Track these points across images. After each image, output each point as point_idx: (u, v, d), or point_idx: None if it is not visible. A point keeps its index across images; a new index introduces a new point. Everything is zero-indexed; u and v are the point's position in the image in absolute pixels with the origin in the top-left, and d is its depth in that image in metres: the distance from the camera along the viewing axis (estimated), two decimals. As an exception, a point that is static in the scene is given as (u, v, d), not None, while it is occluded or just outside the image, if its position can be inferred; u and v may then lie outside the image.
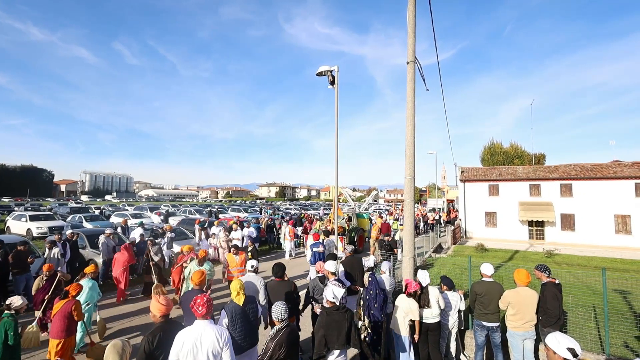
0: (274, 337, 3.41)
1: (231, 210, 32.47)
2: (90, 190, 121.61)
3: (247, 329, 4.01)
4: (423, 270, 5.26)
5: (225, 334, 3.27)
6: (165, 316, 3.45)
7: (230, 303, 4.04)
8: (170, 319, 3.55)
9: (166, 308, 3.44)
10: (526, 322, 4.65)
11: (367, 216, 17.91)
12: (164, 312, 3.42)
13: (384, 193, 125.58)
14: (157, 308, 3.41)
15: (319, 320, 3.95)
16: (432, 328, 5.00)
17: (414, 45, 6.02)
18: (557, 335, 2.47)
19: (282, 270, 5.31)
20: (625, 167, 20.74)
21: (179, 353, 3.12)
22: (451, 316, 5.32)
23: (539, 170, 23.54)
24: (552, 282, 5.05)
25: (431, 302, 4.98)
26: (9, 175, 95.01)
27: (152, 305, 3.44)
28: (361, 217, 17.41)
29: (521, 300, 4.68)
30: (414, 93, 6.05)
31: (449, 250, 17.36)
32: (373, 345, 5.05)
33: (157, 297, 3.49)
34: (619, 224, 19.91)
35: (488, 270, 5.26)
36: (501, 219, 23.06)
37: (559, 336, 2.44)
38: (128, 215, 22.08)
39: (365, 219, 17.29)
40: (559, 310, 4.87)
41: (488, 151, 41.30)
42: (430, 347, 5.05)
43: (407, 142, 5.98)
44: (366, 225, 17.11)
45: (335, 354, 3.87)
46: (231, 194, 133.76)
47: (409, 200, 5.97)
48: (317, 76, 10.95)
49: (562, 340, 2.39)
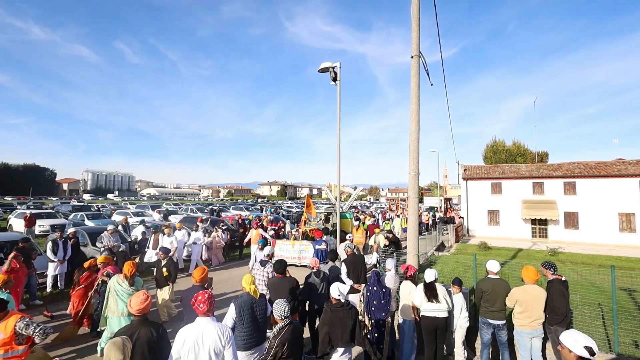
0: (277, 334, 3.33)
1: (232, 208, 32.51)
2: (93, 189, 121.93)
3: (255, 326, 3.93)
4: (431, 270, 5.18)
5: (227, 332, 3.20)
6: (141, 314, 3.27)
7: (240, 297, 3.97)
8: (147, 320, 3.34)
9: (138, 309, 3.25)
10: (534, 320, 4.56)
11: (350, 216, 15.85)
12: (139, 309, 3.25)
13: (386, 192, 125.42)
14: (133, 302, 3.26)
15: (323, 317, 3.88)
16: (440, 324, 4.95)
17: (419, 39, 5.92)
18: (573, 333, 2.38)
19: (283, 266, 5.23)
20: (630, 165, 20.55)
21: (180, 351, 3.05)
22: (456, 317, 5.25)
23: (542, 168, 23.38)
24: (559, 279, 4.95)
25: (439, 297, 4.93)
26: (12, 174, 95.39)
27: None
28: (344, 218, 15.00)
29: (529, 298, 4.58)
30: (418, 88, 5.96)
31: (452, 249, 17.27)
32: (376, 344, 4.98)
33: (131, 297, 3.35)
34: (623, 222, 19.76)
35: (494, 267, 5.17)
36: (504, 218, 22.93)
37: (575, 334, 2.36)
38: (130, 213, 22.08)
39: (348, 220, 15.17)
40: (566, 307, 4.78)
41: (490, 149, 41.07)
42: (439, 343, 4.99)
43: (412, 137, 5.89)
44: (349, 227, 14.70)
45: (339, 351, 3.79)
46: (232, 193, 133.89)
47: (413, 197, 5.89)
48: (320, 73, 10.90)
49: (579, 338, 2.31)
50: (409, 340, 5.21)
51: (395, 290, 5.82)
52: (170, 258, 6.86)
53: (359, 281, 6.49)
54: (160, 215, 22.99)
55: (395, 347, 5.50)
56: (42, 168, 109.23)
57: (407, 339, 5.22)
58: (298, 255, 11.78)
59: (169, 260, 6.80)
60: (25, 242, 7.84)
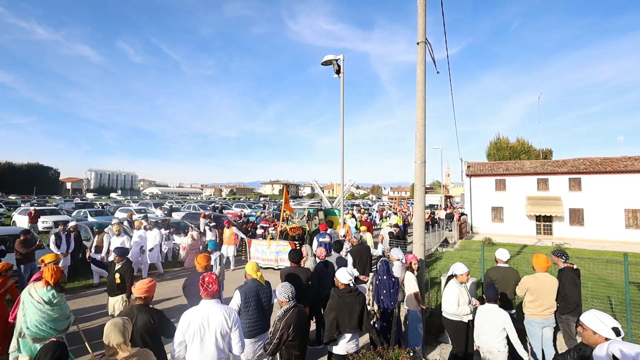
0: (282, 317, 3.26)
1: (235, 206, 32.64)
2: (96, 188, 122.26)
3: (260, 312, 3.86)
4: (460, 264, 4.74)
5: (233, 314, 3.12)
6: (143, 299, 3.32)
7: (246, 284, 3.89)
8: (148, 306, 3.36)
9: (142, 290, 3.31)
10: (546, 309, 4.44)
11: (338, 213, 13.93)
12: (141, 293, 3.31)
13: (388, 190, 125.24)
14: (136, 288, 3.33)
15: (330, 303, 3.79)
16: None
17: (425, 25, 5.81)
18: (597, 313, 2.26)
19: (299, 256, 5.14)
20: (636, 160, 20.30)
21: (184, 334, 2.97)
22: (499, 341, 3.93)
23: (547, 164, 23.16)
24: (570, 268, 4.84)
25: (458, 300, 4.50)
26: (16, 173, 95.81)
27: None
28: (332, 214, 13.84)
29: (541, 287, 4.46)
30: (424, 75, 5.86)
31: (456, 245, 17.15)
32: (383, 333, 4.90)
33: (136, 283, 3.41)
34: (629, 219, 19.52)
35: (503, 255, 5.07)
36: (508, 214, 22.73)
37: (599, 314, 2.24)
38: (132, 210, 22.10)
39: (336, 216, 13.40)
40: (578, 296, 4.67)
41: (494, 146, 40.78)
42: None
43: (418, 124, 5.79)
44: (337, 223, 12.70)
45: (346, 337, 3.70)
46: (235, 192, 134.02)
47: (420, 185, 5.79)
48: (323, 66, 10.82)
49: (604, 319, 2.19)
50: (414, 331, 5.12)
51: (402, 281, 5.74)
52: (127, 262, 5.49)
53: (365, 272, 6.41)
54: (162, 211, 23.03)
55: (401, 337, 5.42)
56: (45, 167, 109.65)
57: (413, 329, 5.12)
58: (275, 257, 10.32)
59: (125, 264, 5.39)
60: (26, 234, 7.81)
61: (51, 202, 38.74)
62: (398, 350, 2.63)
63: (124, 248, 5.83)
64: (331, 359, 3.93)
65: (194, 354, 2.96)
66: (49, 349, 2.22)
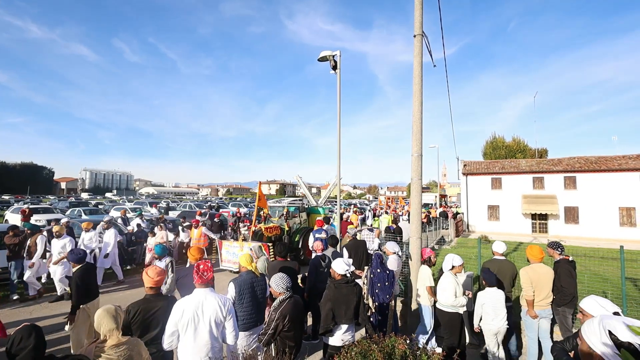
0: (277, 307, 3.21)
1: (232, 205, 32.53)
2: (91, 188, 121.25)
3: (255, 305, 3.80)
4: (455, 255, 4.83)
5: (228, 303, 3.07)
6: (154, 289, 3.31)
7: (240, 276, 3.83)
8: (160, 294, 3.38)
9: (153, 281, 3.30)
10: (542, 300, 4.44)
11: (323, 211, 13.22)
12: (151, 284, 3.29)
13: (384, 190, 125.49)
14: (145, 280, 3.31)
15: (326, 293, 3.75)
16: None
17: (421, 18, 5.80)
18: (597, 299, 2.22)
19: (286, 250, 5.11)
20: (630, 159, 20.51)
21: (177, 323, 2.91)
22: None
23: (543, 163, 23.31)
24: (566, 260, 4.83)
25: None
26: (9, 172, 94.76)
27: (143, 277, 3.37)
28: (315, 213, 12.95)
29: (537, 277, 4.45)
30: (421, 67, 5.84)
31: (452, 242, 17.20)
32: (379, 327, 4.86)
33: (147, 269, 3.36)
34: (623, 217, 19.72)
35: (500, 247, 5.06)
36: (504, 213, 22.86)
37: (599, 299, 2.19)
38: (127, 208, 21.91)
39: (321, 215, 12.42)
40: (574, 288, 4.66)
41: (490, 145, 40.98)
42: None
43: (414, 117, 5.77)
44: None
45: (342, 328, 3.66)
46: (231, 192, 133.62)
47: (417, 179, 5.76)
48: (320, 61, 10.76)
49: (605, 304, 2.14)
50: (423, 325, 5.03)
51: (398, 274, 5.71)
52: (81, 269, 4.46)
53: (360, 266, 6.37)
54: (156, 210, 22.86)
55: (398, 331, 5.38)
56: (39, 167, 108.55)
57: (422, 323, 5.03)
58: None
59: (78, 272, 4.42)
60: (14, 229, 7.67)
61: (45, 202, 38.38)
62: (394, 337, 2.59)
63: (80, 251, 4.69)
64: (327, 351, 3.88)
65: (187, 344, 2.91)
66: (23, 332, 1.98)
